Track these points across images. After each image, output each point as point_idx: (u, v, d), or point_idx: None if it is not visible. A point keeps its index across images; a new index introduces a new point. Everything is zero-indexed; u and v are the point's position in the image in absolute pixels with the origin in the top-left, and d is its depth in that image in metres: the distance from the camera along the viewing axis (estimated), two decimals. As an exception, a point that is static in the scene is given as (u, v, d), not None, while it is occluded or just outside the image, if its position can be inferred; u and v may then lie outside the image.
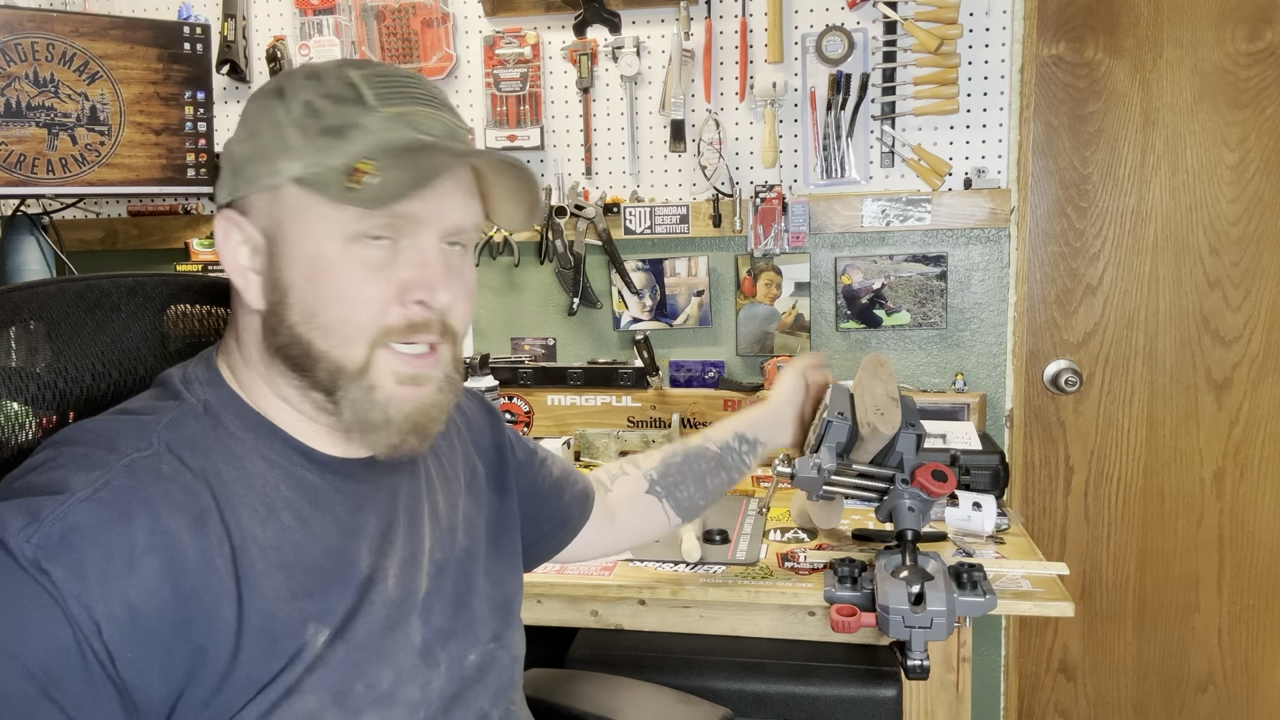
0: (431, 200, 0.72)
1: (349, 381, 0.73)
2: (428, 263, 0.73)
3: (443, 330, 0.75)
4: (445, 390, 0.78)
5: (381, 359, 0.73)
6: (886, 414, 1.41)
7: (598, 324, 2.06)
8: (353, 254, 0.71)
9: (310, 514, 0.75)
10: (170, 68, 1.86)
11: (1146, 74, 1.87)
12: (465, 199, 0.76)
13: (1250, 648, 2.00)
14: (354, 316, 0.72)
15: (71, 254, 2.05)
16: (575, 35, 1.94)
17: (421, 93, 0.75)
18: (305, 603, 0.72)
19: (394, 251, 0.73)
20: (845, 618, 1.22)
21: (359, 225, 0.71)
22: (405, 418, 0.75)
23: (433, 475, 0.89)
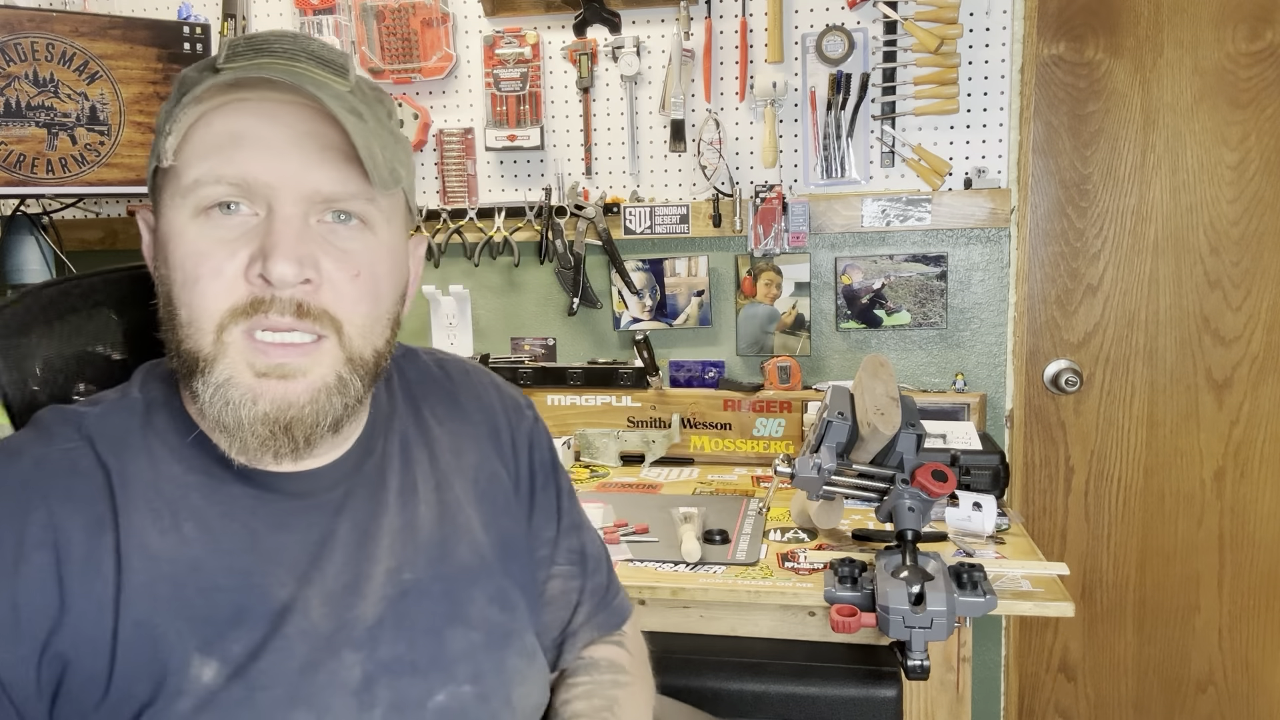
0: (275, 160, 0.65)
1: (203, 374, 0.65)
2: (274, 230, 0.64)
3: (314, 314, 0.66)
4: (333, 394, 0.68)
5: (235, 347, 0.65)
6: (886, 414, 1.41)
7: (598, 324, 2.06)
8: (200, 228, 0.65)
9: (219, 529, 0.68)
10: (170, 68, 1.86)
11: (1147, 74, 1.87)
12: (332, 160, 0.66)
13: (1250, 648, 2.00)
14: (200, 297, 0.65)
15: (71, 254, 2.05)
16: (575, 35, 1.94)
17: (282, 47, 0.68)
18: (191, 627, 0.65)
19: (253, 225, 0.65)
20: (845, 618, 1.22)
21: (202, 193, 0.65)
22: (261, 417, 0.65)
23: (415, 481, 0.79)
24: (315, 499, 0.73)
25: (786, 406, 1.93)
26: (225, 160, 0.64)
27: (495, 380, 0.94)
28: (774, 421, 1.94)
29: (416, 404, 0.85)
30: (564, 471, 0.96)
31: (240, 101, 0.66)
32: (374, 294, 0.70)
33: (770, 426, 1.95)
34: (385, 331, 0.72)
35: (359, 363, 0.70)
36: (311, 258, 0.65)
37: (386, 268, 0.71)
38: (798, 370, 1.94)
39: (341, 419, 0.70)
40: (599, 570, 0.94)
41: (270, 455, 0.67)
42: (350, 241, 0.68)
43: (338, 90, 0.68)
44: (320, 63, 0.68)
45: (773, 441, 1.95)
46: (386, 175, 0.66)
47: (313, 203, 0.66)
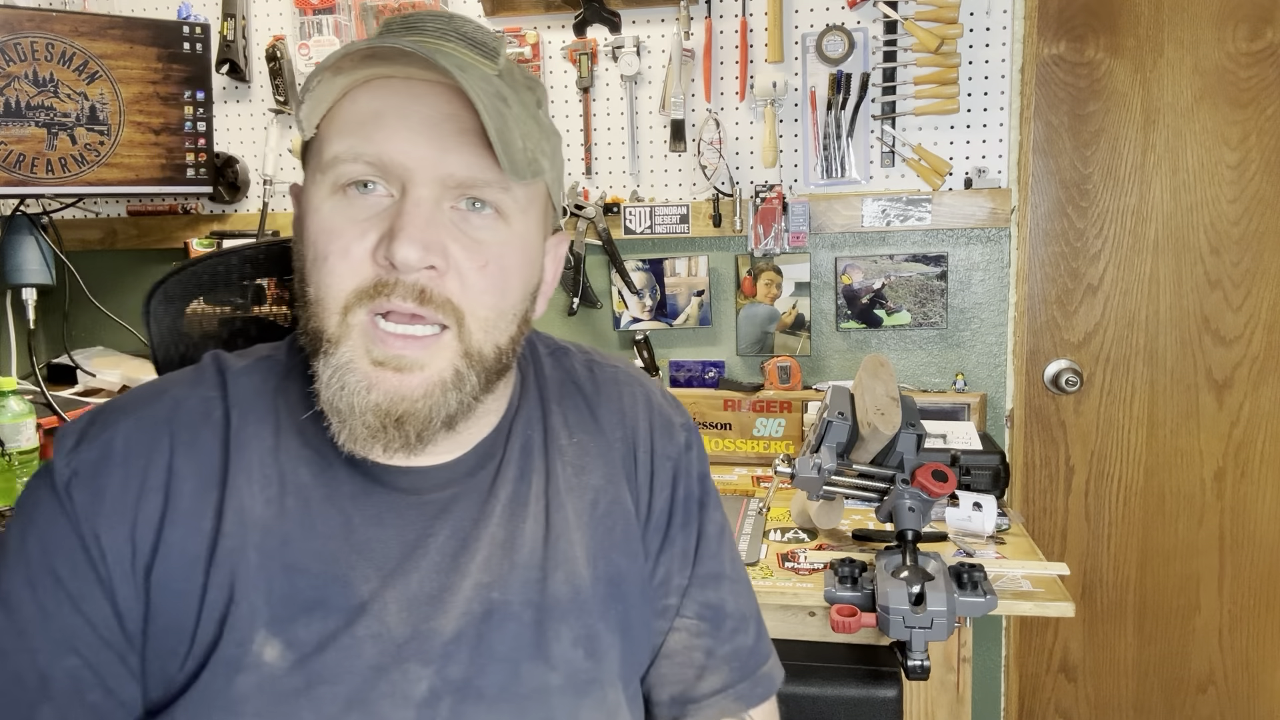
0: (412, 141, 0.63)
1: (325, 354, 0.65)
2: (404, 211, 0.63)
3: (437, 303, 0.64)
4: (449, 389, 0.66)
5: (358, 330, 0.64)
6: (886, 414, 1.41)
7: (598, 324, 2.06)
8: (335, 205, 0.65)
9: (318, 510, 0.67)
10: (170, 67, 1.86)
11: (1147, 74, 1.87)
12: (470, 144, 0.64)
13: (1251, 648, 2.00)
14: (327, 276, 0.64)
15: (71, 253, 2.05)
16: (575, 35, 1.94)
17: (435, 26, 0.67)
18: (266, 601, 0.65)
19: (387, 205, 0.64)
20: (845, 618, 1.22)
21: (340, 170, 0.64)
22: (373, 407, 0.64)
23: (528, 494, 0.74)
24: (420, 497, 0.70)
25: (786, 406, 1.93)
26: (364, 139, 0.64)
27: (654, 396, 0.85)
28: (774, 421, 1.94)
29: (548, 408, 0.79)
30: (716, 512, 0.85)
31: (385, 80, 0.65)
32: (501, 286, 0.67)
33: (770, 426, 1.94)
34: (510, 328, 0.69)
35: (477, 358, 0.67)
36: (439, 243, 0.63)
37: (517, 261, 0.68)
38: (798, 370, 1.94)
39: (456, 416, 0.67)
40: (741, 632, 0.82)
41: (380, 447, 0.65)
42: (482, 230, 0.66)
43: (484, 73, 0.66)
44: (470, 44, 0.67)
45: (773, 441, 1.95)
46: (523, 164, 0.64)
47: (446, 187, 0.64)
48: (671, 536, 0.81)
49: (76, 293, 2.10)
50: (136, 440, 0.66)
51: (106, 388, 1.96)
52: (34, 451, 1.61)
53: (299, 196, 0.70)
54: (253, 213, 2.10)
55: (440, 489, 0.71)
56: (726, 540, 0.85)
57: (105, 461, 0.65)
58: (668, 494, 0.81)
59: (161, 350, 0.91)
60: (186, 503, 0.65)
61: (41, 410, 1.73)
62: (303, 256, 0.67)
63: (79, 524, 0.64)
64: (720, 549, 0.84)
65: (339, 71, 0.63)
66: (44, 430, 1.70)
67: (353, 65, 0.63)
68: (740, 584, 0.85)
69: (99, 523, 0.64)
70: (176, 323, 0.93)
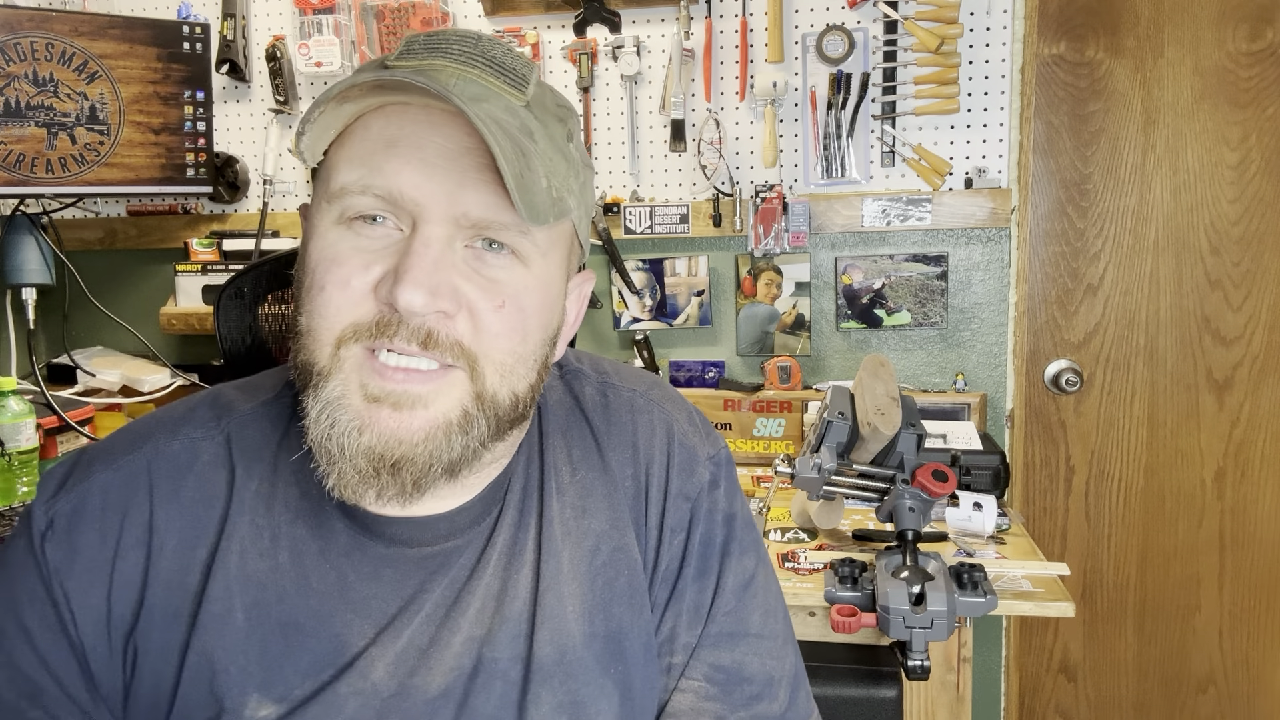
0: (426, 175, 0.58)
1: (315, 389, 0.59)
2: (412, 250, 0.57)
3: (445, 346, 0.58)
4: (453, 432, 0.60)
5: (351, 363, 0.59)
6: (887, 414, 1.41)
7: (598, 324, 2.06)
8: (341, 235, 0.60)
9: (314, 566, 0.64)
10: (170, 67, 1.86)
11: (1147, 74, 1.87)
12: (488, 181, 0.59)
13: (1251, 648, 2.00)
14: (323, 306, 0.59)
15: (71, 253, 2.05)
16: (575, 35, 1.94)
17: (461, 50, 0.60)
18: (260, 661, 0.62)
19: (396, 240, 0.60)
20: (845, 618, 1.22)
21: (347, 202, 0.59)
22: (365, 450, 0.58)
23: (526, 540, 0.69)
24: (419, 550, 0.66)
25: (786, 406, 1.93)
26: (374, 170, 0.58)
27: (676, 425, 0.77)
28: (774, 421, 1.94)
29: (549, 441, 0.72)
30: (745, 559, 0.75)
31: (402, 106, 0.60)
32: (520, 329, 0.61)
33: (770, 426, 1.94)
34: (529, 375, 0.63)
35: (490, 403, 0.61)
36: (449, 285, 0.58)
37: (536, 303, 0.62)
38: (798, 370, 1.94)
39: (459, 464, 0.61)
40: (765, 699, 0.73)
41: (372, 493, 0.59)
42: (498, 270, 0.60)
43: (509, 104, 0.61)
44: (498, 70, 0.61)
45: (773, 441, 1.95)
46: (545, 207, 0.58)
47: (460, 226, 0.59)
48: (681, 589, 0.73)
49: (76, 293, 2.09)
50: (114, 494, 0.63)
51: (106, 388, 1.96)
52: (33, 451, 1.61)
53: (306, 215, 0.65)
54: (253, 213, 2.10)
55: (440, 541, 0.66)
56: (755, 592, 0.75)
57: (79, 516, 0.62)
58: (682, 539, 0.73)
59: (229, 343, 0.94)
60: (169, 561, 0.62)
61: (41, 410, 1.72)
62: (300, 283, 0.62)
63: (50, 582, 0.61)
64: (742, 603, 0.74)
65: (345, 100, 0.59)
66: (44, 430, 1.70)
67: (360, 95, 0.59)
68: (769, 641, 0.74)
69: (70, 583, 0.61)
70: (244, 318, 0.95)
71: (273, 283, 0.99)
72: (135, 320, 2.12)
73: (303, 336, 0.61)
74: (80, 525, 0.62)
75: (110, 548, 0.62)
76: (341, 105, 0.59)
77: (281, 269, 1.00)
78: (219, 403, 0.69)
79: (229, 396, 0.69)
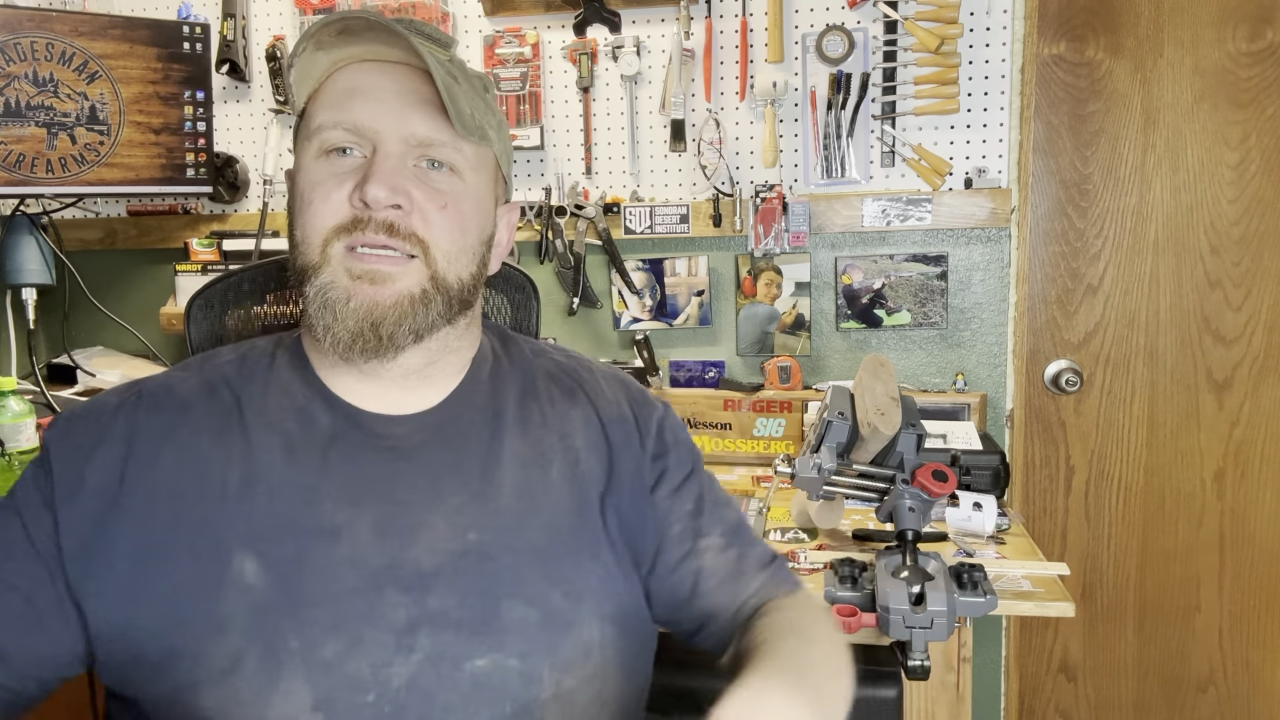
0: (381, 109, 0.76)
1: (309, 279, 0.76)
2: (374, 163, 0.76)
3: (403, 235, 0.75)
4: (418, 304, 0.77)
5: (336, 257, 0.76)
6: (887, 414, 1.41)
7: (598, 324, 2.06)
8: (320, 166, 0.77)
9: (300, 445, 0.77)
10: (170, 67, 1.86)
11: (1147, 73, 1.87)
12: (428, 112, 0.77)
13: (1251, 648, 2.00)
14: (311, 217, 0.77)
15: (71, 253, 2.05)
16: (575, 35, 1.94)
17: (397, 20, 0.78)
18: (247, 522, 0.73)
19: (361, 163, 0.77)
20: (845, 618, 1.22)
21: (324, 136, 0.77)
22: (355, 312, 0.75)
23: (501, 452, 0.82)
24: (392, 439, 0.79)
25: (786, 406, 1.93)
26: (342, 109, 0.77)
27: (627, 381, 0.97)
28: (774, 421, 1.94)
29: (530, 383, 0.89)
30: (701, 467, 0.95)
31: (360, 63, 0.79)
32: (459, 225, 0.79)
33: (770, 426, 1.94)
34: (470, 265, 0.81)
35: (442, 283, 0.78)
36: (403, 188, 0.76)
37: (471, 206, 0.80)
38: (798, 370, 1.94)
39: (422, 329, 0.77)
40: (760, 544, 0.92)
41: (359, 350, 0.75)
42: (440, 181, 0.78)
43: (438, 57, 0.79)
44: (425, 36, 0.79)
45: (773, 441, 1.95)
46: (471, 125, 0.78)
47: (409, 145, 0.77)
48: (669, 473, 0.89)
49: (76, 293, 2.10)
50: (107, 406, 0.78)
51: (106, 388, 1.96)
52: (33, 452, 1.61)
53: (292, 170, 0.82)
54: (253, 213, 2.10)
55: (409, 437, 0.80)
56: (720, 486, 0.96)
57: (78, 416, 0.78)
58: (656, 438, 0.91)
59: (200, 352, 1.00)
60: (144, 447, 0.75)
61: (41, 410, 1.72)
62: (292, 207, 0.79)
63: (42, 461, 0.76)
64: (716, 486, 0.94)
65: (319, 45, 0.76)
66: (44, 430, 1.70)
67: (330, 39, 0.76)
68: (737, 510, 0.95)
69: (53, 454, 0.75)
70: (215, 329, 1.02)
71: (241, 294, 1.04)
72: (135, 320, 2.12)
73: (299, 245, 0.78)
74: (76, 421, 0.78)
75: (96, 436, 0.76)
76: (316, 52, 0.77)
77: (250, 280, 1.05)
78: (204, 354, 0.86)
79: (212, 351, 0.87)
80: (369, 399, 0.81)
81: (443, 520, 0.77)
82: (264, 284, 1.05)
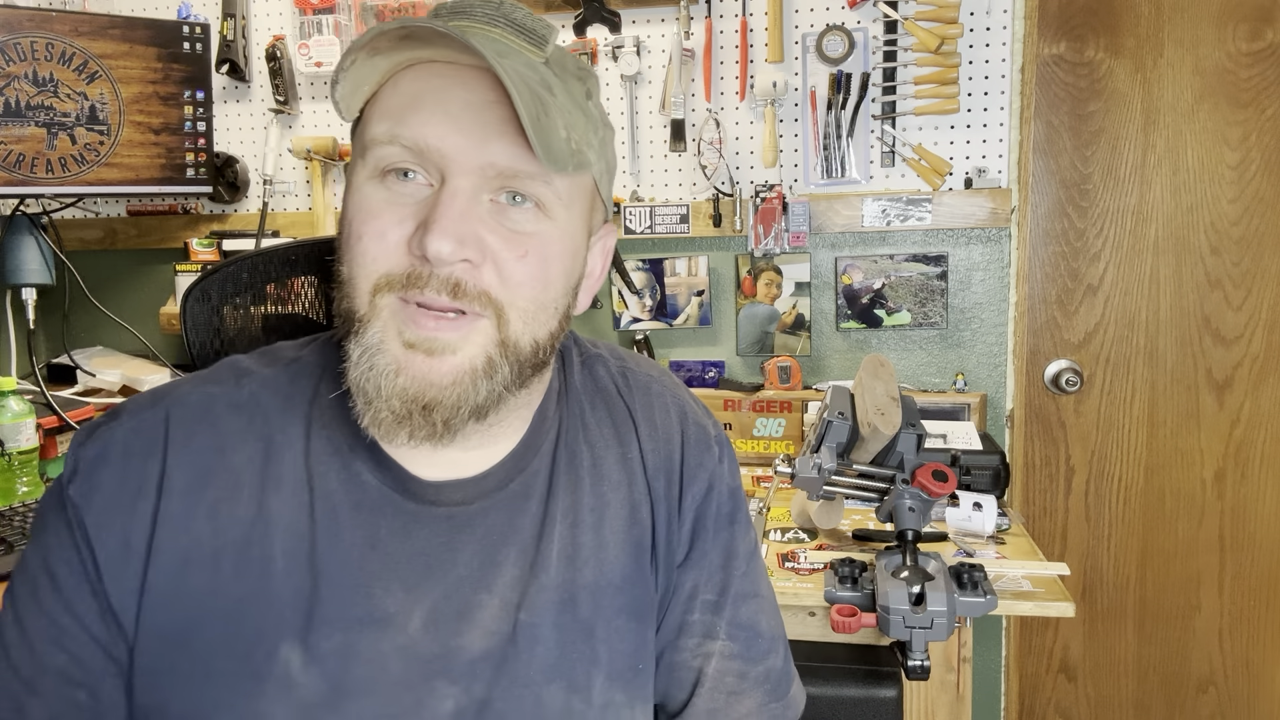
0: (451, 127, 0.61)
1: (357, 335, 0.63)
2: (440, 202, 0.61)
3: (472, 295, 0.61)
4: (479, 377, 0.63)
5: (387, 311, 0.62)
6: (887, 414, 1.41)
7: (598, 324, 2.06)
8: (375, 189, 0.63)
9: (347, 519, 0.66)
10: (170, 67, 1.86)
11: (1147, 73, 1.87)
12: (512, 133, 0.62)
13: (1251, 648, 2.00)
14: (360, 256, 0.63)
15: (71, 253, 2.05)
16: (575, 35, 1.94)
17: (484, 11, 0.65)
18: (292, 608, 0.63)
19: (427, 195, 0.63)
20: (845, 618, 1.22)
21: (378, 153, 0.63)
22: (399, 391, 0.62)
23: (557, 511, 0.72)
24: (448, 509, 0.68)
25: (786, 406, 1.93)
26: (401, 122, 0.62)
27: (688, 406, 0.83)
28: (774, 421, 1.94)
29: (577, 421, 0.77)
30: (749, 529, 0.82)
31: (429, 64, 0.63)
32: (542, 277, 0.64)
33: (770, 426, 1.94)
34: (550, 323, 0.67)
35: (513, 349, 0.64)
36: (474, 235, 0.61)
37: (558, 252, 0.66)
38: (798, 370, 1.94)
39: (485, 407, 0.64)
40: (773, 653, 0.80)
41: (405, 433, 0.63)
42: (521, 222, 0.64)
43: (529, 59, 0.64)
44: (517, 29, 0.65)
45: (773, 441, 1.95)
46: (564, 154, 0.61)
47: (486, 177, 0.62)
48: (702, 550, 0.78)
49: (76, 293, 2.09)
50: (134, 441, 0.65)
51: (106, 388, 1.96)
52: (33, 451, 1.61)
53: (347, 174, 0.69)
54: (252, 213, 2.10)
55: (469, 502, 0.69)
56: (758, 559, 0.83)
57: (101, 460, 0.65)
58: (699, 506, 0.78)
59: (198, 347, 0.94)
60: (177, 504, 0.64)
61: (41, 410, 1.72)
62: (341, 234, 0.66)
63: (72, 523, 0.63)
64: (752, 568, 0.81)
65: (375, 51, 0.61)
66: (44, 430, 1.70)
67: (389, 45, 0.61)
68: (770, 603, 0.82)
69: (89, 519, 0.63)
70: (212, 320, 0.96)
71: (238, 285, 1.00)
72: (135, 320, 2.12)
73: (344, 285, 0.64)
74: (101, 468, 0.64)
75: (130, 490, 0.64)
76: (372, 57, 0.62)
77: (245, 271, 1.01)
78: (238, 367, 0.71)
79: (246, 363, 0.72)
80: (421, 460, 0.68)
81: (497, 599, 0.68)
82: (264, 273, 1.01)
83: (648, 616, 0.75)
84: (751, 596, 0.80)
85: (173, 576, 0.63)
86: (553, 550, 0.70)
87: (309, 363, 0.71)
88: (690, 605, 0.77)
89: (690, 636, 0.77)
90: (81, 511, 0.63)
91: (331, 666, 0.64)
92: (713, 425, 0.83)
